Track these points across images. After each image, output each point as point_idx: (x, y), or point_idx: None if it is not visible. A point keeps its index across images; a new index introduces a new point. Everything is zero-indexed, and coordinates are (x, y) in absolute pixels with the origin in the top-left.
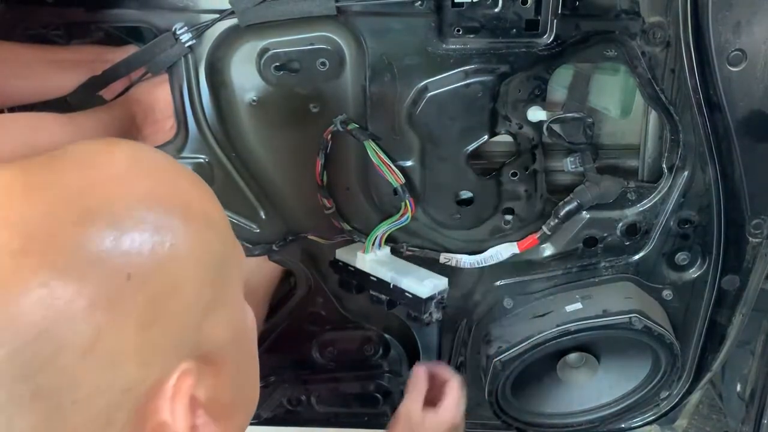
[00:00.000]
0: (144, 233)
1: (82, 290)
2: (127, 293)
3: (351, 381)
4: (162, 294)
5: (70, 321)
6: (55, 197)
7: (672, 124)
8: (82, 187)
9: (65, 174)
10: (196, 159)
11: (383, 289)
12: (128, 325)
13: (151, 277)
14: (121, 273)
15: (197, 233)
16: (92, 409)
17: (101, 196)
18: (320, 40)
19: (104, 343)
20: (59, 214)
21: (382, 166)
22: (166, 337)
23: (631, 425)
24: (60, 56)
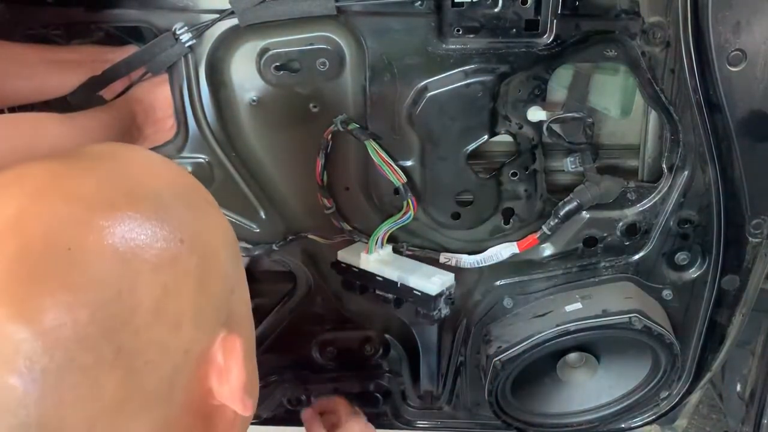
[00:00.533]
0: (184, 206)
1: (143, 254)
2: (183, 255)
3: (351, 381)
4: (208, 257)
5: (142, 280)
6: (102, 178)
7: (672, 124)
8: (118, 172)
9: (101, 162)
10: (196, 159)
11: (390, 289)
12: (187, 286)
13: (198, 241)
14: (176, 237)
15: (218, 213)
16: (160, 370)
17: (138, 177)
18: (320, 40)
19: (170, 303)
20: (111, 190)
21: (384, 166)
22: (212, 301)
23: (630, 425)
24: (60, 56)
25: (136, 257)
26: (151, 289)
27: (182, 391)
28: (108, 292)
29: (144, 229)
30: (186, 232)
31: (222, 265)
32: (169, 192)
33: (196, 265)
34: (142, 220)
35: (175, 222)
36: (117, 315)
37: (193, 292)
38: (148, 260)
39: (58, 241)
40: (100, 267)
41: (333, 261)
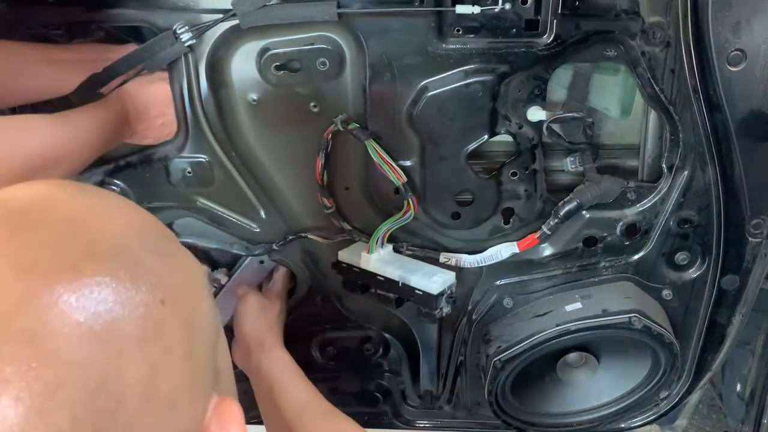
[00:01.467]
0: (156, 256)
1: (122, 329)
2: (167, 319)
3: (351, 380)
4: (191, 313)
5: (127, 361)
6: (57, 238)
7: (672, 124)
8: (75, 226)
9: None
10: (197, 158)
11: (391, 288)
12: (176, 355)
13: (179, 296)
14: (155, 298)
15: (188, 255)
16: None
17: (99, 230)
18: (320, 40)
19: (160, 382)
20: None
21: (384, 165)
22: (202, 366)
23: (630, 425)
24: (61, 55)
25: (115, 334)
26: (139, 369)
27: None
28: (88, 385)
29: (119, 295)
30: (165, 289)
31: (205, 317)
32: (138, 242)
33: (181, 328)
34: (115, 284)
35: (152, 279)
36: (103, 411)
37: (183, 362)
38: (130, 334)
39: (15, 330)
40: (74, 355)
41: (334, 261)
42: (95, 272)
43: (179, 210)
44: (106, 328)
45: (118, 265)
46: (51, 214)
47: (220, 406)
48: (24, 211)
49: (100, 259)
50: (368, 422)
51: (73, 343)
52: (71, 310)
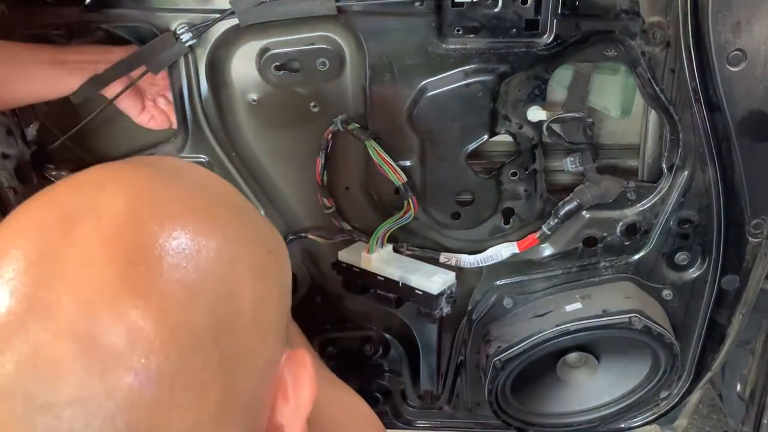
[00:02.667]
0: (264, 221)
1: (244, 259)
2: (271, 266)
3: (351, 380)
4: (285, 270)
5: (245, 285)
6: (198, 187)
7: (672, 124)
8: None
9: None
10: (197, 158)
11: (391, 288)
12: (274, 296)
13: (279, 253)
14: (264, 247)
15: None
16: (251, 378)
17: (221, 189)
18: (320, 40)
19: (263, 312)
20: (211, 198)
21: (384, 166)
22: (285, 314)
23: (630, 425)
24: (61, 56)
25: (240, 261)
26: (252, 294)
27: (261, 404)
28: (220, 293)
29: (244, 234)
30: (269, 242)
31: (289, 282)
32: (245, 203)
33: (279, 278)
34: (241, 226)
35: (260, 232)
36: (225, 318)
37: (277, 304)
38: (248, 266)
39: (175, 238)
40: (214, 267)
41: (333, 261)
42: (229, 214)
43: None
44: (234, 253)
45: (241, 213)
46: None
47: (293, 354)
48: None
49: (232, 207)
50: None
51: (212, 260)
52: (215, 234)
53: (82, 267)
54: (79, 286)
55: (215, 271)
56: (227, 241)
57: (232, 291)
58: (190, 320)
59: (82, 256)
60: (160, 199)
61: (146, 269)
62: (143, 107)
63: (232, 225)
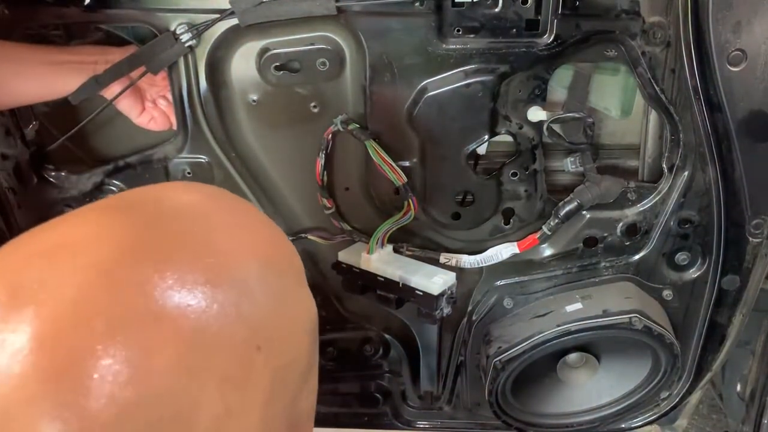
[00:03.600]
0: (270, 293)
1: (213, 366)
2: (257, 365)
3: (351, 381)
4: (282, 364)
5: (205, 398)
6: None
7: (672, 124)
8: (202, 238)
9: (181, 228)
10: (196, 159)
11: (391, 289)
12: (255, 402)
13: (277, 345)
14: (253, 343)
15: (304, 293)
16: None
17: (224, 247)
18: (320, 40)
19: (232, 426)
20: (192, 267)
21: (384, 166)
22: (279, 413)
23: (631, 425)
24: (60, 57)
25: (203, 369)
26: (214, 410)
27: None
28: (161, 413)
29: (221, 328)
30: (264, 333)
31: (298, 363)
32: (256, 271)
33: (268, 377)
34: (220, 317)
35: (256, 319)
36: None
37: (261, 410)
38: (216, 372)
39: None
40: (159, 381)
41: (333, 261)
42: (206, 301)
43: None
44: (197, 361)
45: (229, 295)
46: (190, 225)
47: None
48: (173, 217)
49: (215, 287)
50: (368, 423)
51: (162, 371)
52: (171, 335)
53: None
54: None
55: (164, 385)
56: (194, 343)
57: (184, 410)
58: None
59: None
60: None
61: (71, 382)
62: (143, 108)
63: (211, 315)
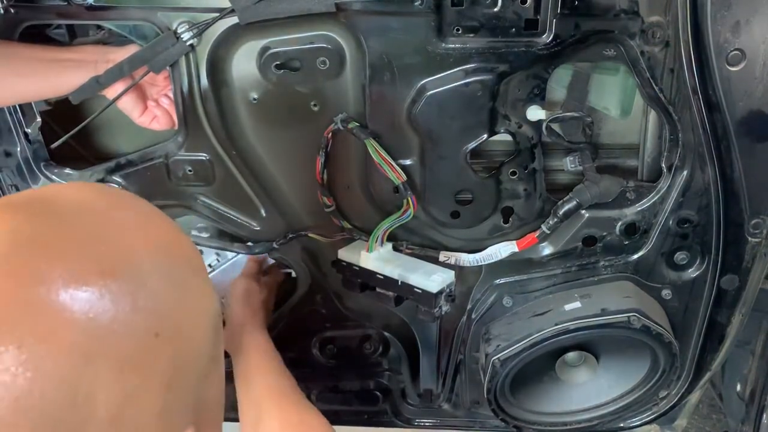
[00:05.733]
0: (166, 281)
1: (110, 351)
2: (155, 352)
3: (351, 379)
4: (184, 350)
5: (102, 384)
6: (72, 242)
7: (671, 124)
8: (94, 231)
9: (73, 217)
10: (197, 157)
11: (390, 286)
12: (154, 389)
13: (176, 329)
14: (150, 330)
15: (205, 286)
16: None
17: (117, 240)
18: (320, 39)
19: (131, 411)
20: (82, 261)
21: (384, 164)
22: (182, 398)
23: (630, 424)
24: (62, 56)
25: (100, 355)
26: (112, 395)
27: None
28: (58, 400)
29: (115, 318)
30: (163, 321)
31: (198, 350)
32: (150, 262)
33: (168, 362)
34: (114, 304)
35: (151, 306)
36: (65, 428)
37: (161, 395)
38: (114, 359)
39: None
40: (54, 366)
41: (333, 259)
42: (99, 290)
43: (179, 208)
44: (93, 347)
45: (123, 285)
46: (84, 220)
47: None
48: (66, 213)
49: (107, 277)
50: (368, 421)
51: (57, 355)
52: (64, 322)
53: None
54: None
55: (61, 372)
56: (88, 330)
57: (81, 395)
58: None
59: None
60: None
61: None
62: (145, 107)
63: (104, 303)
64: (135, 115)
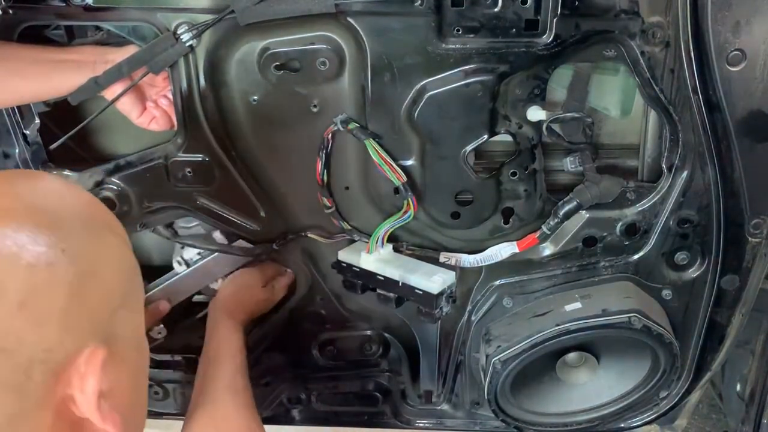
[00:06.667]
0: (80, 226)
1: (26, 251)
2: (61, 263)
3: (351, 380)
4: (88, 273)
5: (14, 275)
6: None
7: (671, 124)
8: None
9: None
10: (197, 158)
11: (391, 288)
12: (59, 290)
13: (83, 257)
14: (59, 246)
15: (120, 242)
16: (15, 359)
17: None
18: (320, 40)
19: (37, 300)
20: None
21: (384, 165)
22: (87, 313)
23: (630, 425)
24: (61, 56)
25: (14, 254)
26: (21, 284)
27: (40, 386)
28: None
29: (31, 233)
30: (71, 245)
31: (105, 284)
32: (69, 212)
33: (73, 275)
34: (32, 227)
35: (63, 234)
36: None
37: (65, 298)
38: (25, 259)
39: None
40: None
41: (333, 260)
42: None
43: (179, 209)
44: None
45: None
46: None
47: (93, 351)
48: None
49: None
50: (368, 422)
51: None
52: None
53: None
54: None
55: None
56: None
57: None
58: None
59: None
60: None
61: None
62: (143, 108)
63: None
64: (134, 115)
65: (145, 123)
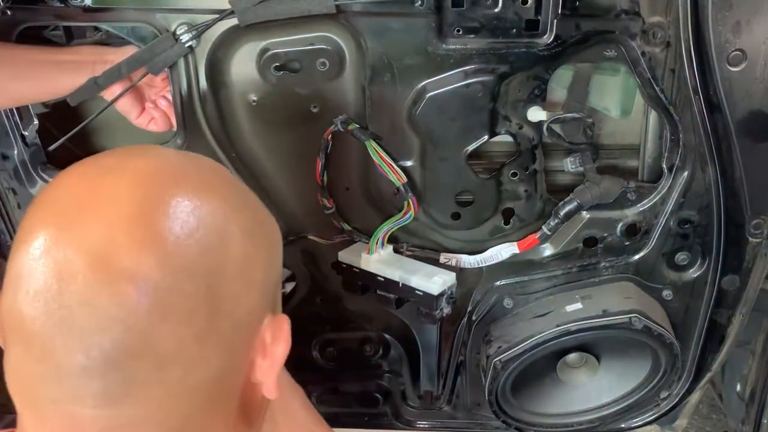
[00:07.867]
0: (261, 205)
1: (237, 222)
2: (260, 235)
3: (351, 381)
4: (274, 247)
5: (235, 239)
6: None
7: (672, 124)
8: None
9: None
10: None
11: (391, 289)
12: (260, 258)
13: (270, 231)
14: (257, 217)
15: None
16: (231, 321)
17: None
18: (320, 40)
19: (249, 267)
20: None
21: (384, 166)
22: (271, 283)
23: (631, 425)
24: (60, 57)
25: (233, 221)
26: (240, 248)
27: (241, 347)
28: (212, 241)
29: (239, 205)
30: (263, 218)
31: (279, 256)
32: (248, 190)
33: (266, 245)
34: (239, 198)
35: (255, 208)
36: (215, 261)
37: (263, 266)
38: (240, 225)
39: (183, 192)
40: (210, 220)
41: (334, 261)
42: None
43: None
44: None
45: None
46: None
47: (274, 320)
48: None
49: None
50: (368, 423)
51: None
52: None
53: (109, 201)
54: (104, 214)
55: (211, 223)
56: (224, 205)
57: (224, 242)
58: (185, 253)
59: (111, 194)
60: (175, 166)
61: (157, 211)
62: (142, 109)
63: (231, 195)
64: (132, 116)
65: (143, 124)
